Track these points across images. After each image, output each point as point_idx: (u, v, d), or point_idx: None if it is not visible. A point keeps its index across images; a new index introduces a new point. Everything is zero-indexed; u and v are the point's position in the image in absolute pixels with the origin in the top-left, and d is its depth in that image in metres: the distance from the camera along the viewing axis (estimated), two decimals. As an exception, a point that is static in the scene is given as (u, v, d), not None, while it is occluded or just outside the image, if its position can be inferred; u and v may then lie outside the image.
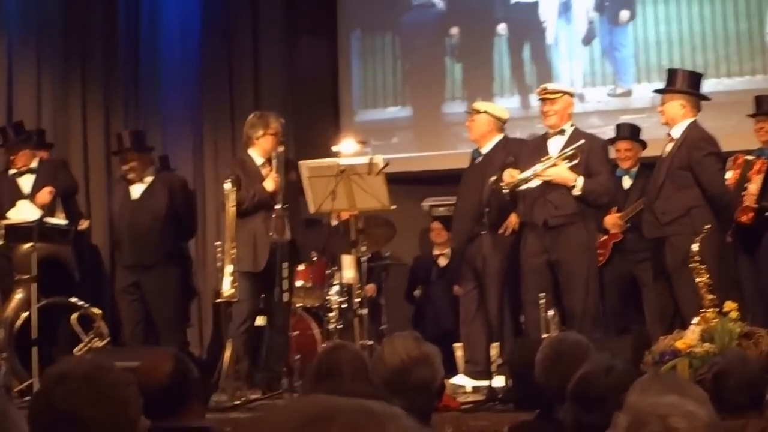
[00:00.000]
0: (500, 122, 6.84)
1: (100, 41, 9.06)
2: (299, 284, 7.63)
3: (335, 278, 7.86)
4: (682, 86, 6.21)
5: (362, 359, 3.40)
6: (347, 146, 7.87)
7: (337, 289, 7.79)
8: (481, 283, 6.61)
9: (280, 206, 6.31)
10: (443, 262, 8.73)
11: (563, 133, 6.42)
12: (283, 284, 6.29)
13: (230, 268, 6.27)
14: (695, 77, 6.33)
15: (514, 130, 7.26)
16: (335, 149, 7.77)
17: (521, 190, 6.31)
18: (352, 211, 6.42)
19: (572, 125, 6.47)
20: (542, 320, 5.94)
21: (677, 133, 6.14)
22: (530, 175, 6.25)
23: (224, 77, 9.55)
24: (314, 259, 8.02)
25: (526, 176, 6.25)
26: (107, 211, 8.15)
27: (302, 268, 7.70)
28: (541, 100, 6.48)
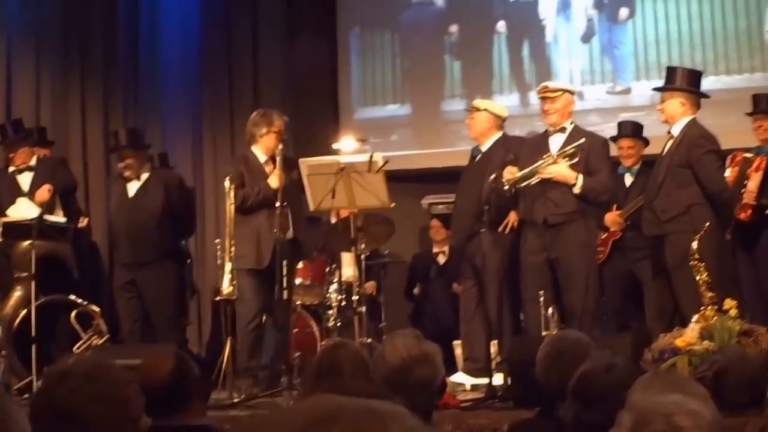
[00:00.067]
0: (500, 120, 6.85)
1: (99, 38, 9.05)
2: (298, 282, 7.63)
3: (335, 276, 7.86)
4: (681, 84, 6.21)
5: (363, 357, 3.39)
6: (347, 144, 7.87)
7: (336, 286, 7.80)
8: (480, 280, 6.61)
9: (279, 204, 6.30)
10: (442, 259, 8.73)
11: (564, 130, 6.42)
12: (282, 282, 6.29)
13: (230, 265, 6.27)
14: (695, 75, 6.33)
15: (513, 127, 7.26)
16: (335, 147, 7.77)
17: (521, 187, 6.31)
18: (351, 208, 6.42)
19: (572, 123, 6.47)
20: (542, 318, 5.95)
21: (677, 130, 6.14)
22: (530, 172, 6.25)
23: (224, 74, 9.54)
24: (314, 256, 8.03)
25: (526, 174, 6.25)
26: (106, 208, 8.14)
27: (301, 265, 7.69)
28: (541, 98, 6.48)
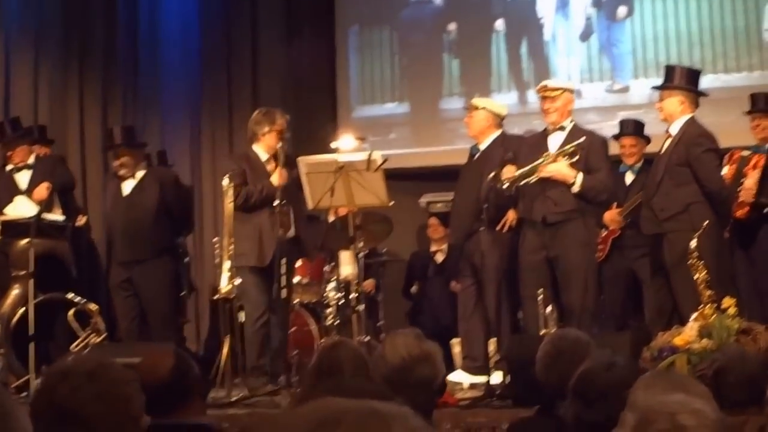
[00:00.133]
0: (499, 118, 6.85)
1: (99, 35, 9.04)
2: (296, 280, 7.63)
3: (333, 274, 7.86)
4: (680, 83, 6.21)
5: (362, 356, 3.39)
6: (346, 142, 7.87)
7: (334, 285, 7.79)
8: (479, 279, 6.61)
9: (278, 202, 6.29)
10: (440, 258, 8.73)
11: (563, 129, 6.42)
12: (281, 280, 6.28)
13: (228, 264, 6.27)
14: (693, 74, 6.33)
15: (511, 126, 7.26)
16: (334, 145, 7.77)
17: (520, 186, 6.31)
18: (350, 207, 6.42)
19: (572, 121, 6.47)
20: (540, 316, 5.95)
21: (675, 129, 6.14)
22: (529, 171, 6.25)
23: (223, 72, 9.54)
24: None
25: (525, 172, 6.25)
26: (104, 206, 8.13)
27: (299, 264, 7.69)
28: (541, 97, 6.48)
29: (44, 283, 6.71)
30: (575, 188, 6.22)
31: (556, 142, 6.39)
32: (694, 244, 5.51)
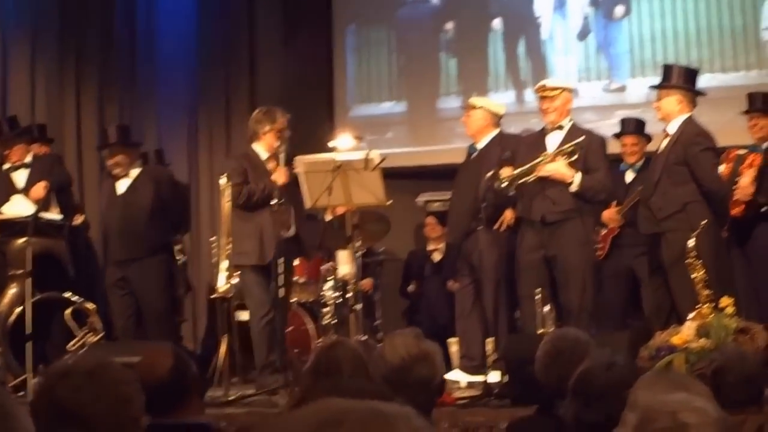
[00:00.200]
0: (496, 118, 6.85)
1: (96, 34, 9.03)
2: (293, 279, 7.62)
3: (330, 273, 7.85)
4: (677, 82, 6.21)
5: (361, 356, 3.39)
6: (343, 141, 7.87)
7: (331, 284, 7.79)
8: (476, 278, 6.61)
9: (276, 201, 6.29)
10: (437, 257, 8.73)
11: (562, 128, 6.42)
12: (279, 279, 6.28)
13: (226, 263, 6.26)
14: (691, 73, 6.33)
15: (508, 125, 7.25)
16: (332, 145, 7.76)
17: (518, 185, 6.31)
18: (348, 206, 6.41)
19: (571, 120, 6.47)
20: (538, 316, 5.95)
21: (673, 128, 6.14)
22: (527, 170, 6.24)
23: (220, 70, 9.53)
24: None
25: (523, 171, 6.25)
26: (100, 204, 8.12)
27: (297, 263, 7.69)
28: (540, 97, 6.47)
29: (41, 282, 6.70)
30: (573, 188, 6.22)
31: (554, 141, 6.39)
32: (692, 243, 5.51)
